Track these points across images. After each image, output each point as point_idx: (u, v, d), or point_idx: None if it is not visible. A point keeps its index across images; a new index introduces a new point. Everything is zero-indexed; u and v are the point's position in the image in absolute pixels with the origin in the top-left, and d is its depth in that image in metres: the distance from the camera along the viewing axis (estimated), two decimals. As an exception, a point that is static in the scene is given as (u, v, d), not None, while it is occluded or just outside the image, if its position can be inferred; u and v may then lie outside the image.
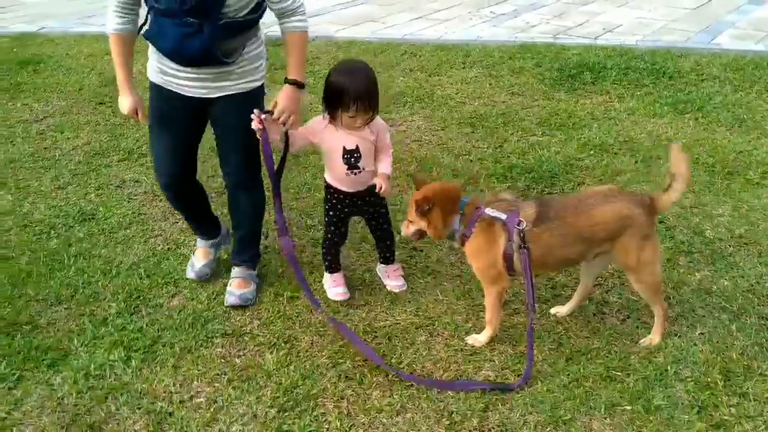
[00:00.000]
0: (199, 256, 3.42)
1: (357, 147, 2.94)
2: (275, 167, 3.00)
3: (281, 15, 2.83)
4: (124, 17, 2.80)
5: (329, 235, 3.22)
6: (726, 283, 3.24)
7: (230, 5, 2.68)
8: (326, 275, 3.30)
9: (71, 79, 6.40)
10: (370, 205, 3.15)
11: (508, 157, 4.51)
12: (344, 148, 2.93)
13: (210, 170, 4.21)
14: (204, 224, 3.46)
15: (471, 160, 4.51)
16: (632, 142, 4.67)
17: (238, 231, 3.34)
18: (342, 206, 3.12)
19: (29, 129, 5.31)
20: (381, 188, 2.95)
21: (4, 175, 4.55)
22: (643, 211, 2.68)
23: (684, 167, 2.70)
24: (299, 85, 2.85)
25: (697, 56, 6.25)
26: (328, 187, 3.12)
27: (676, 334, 2.93)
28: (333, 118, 2.91)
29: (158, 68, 2.90)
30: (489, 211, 2.70)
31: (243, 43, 2.83)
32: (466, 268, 3.39)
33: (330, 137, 2.96)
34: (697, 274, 3.31)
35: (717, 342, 2.87)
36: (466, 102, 5.48)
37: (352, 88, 2.78)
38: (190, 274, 3.37)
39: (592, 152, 4.54)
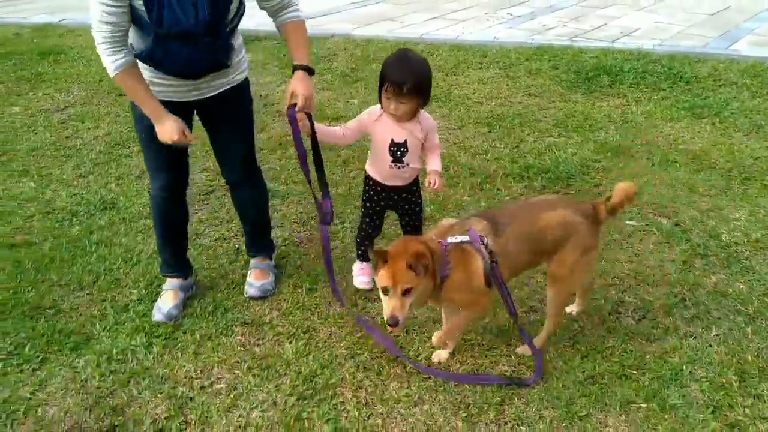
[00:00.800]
0: (168, 299, 3.13)
1: (405, 141, 2.95)
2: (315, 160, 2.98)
3: (277, 10, 2.82)
4: (121, 52, 2.52)
5: (363, 226, 3.26)
6: (741, 287, 3.25)
7: (230, 15, 2.65)
8: (356, 262, 3.37)
9: (91, 70, 6.48)
10: (406, 202, 3.17)
11: (525, 157, 4.54)
12: (392, 140, 2.95)
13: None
14: (181, 256, 3.27)
15: (488, 160, 4.54)
16: (649, 145, 4.68)
17: (247, 224, 3.37)
18: (379, 198, 3.15)
19: (51, 118, 5.38)
20: (435, 183, 2.94)
21: (27, 163, 4.62)
22: (586, 220, 2.65)
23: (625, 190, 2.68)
24: (310, 71, 2.81)
25: (715, 62, 6.25)
26: (367, 178, 3.15)
27: (691, 336, 2.95)
28: (381, 102, 2.93)
29: (147, 81, 2.68)
30: (451, 240, 2.55)
31: (236, 43, 2.82)
32: (483, 264, 3.44)
33: (381, 129, 2.97)
34: (712, 276, 3.33)
35: (732, 344, 2.89)
36: (483, 102, 5.50)
37: (390, 68, 2.81)
38: (158, 317, 3.06)
39: (608, 154, 4.56)
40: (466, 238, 2.53)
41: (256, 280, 3.24)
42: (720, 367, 2.76)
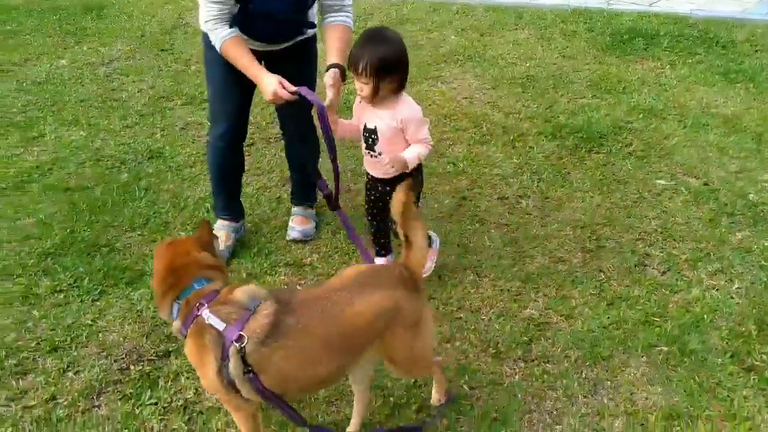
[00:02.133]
0: (221, 239, 3.27)
1: (375, 128, 2.74)
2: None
3: (329, 9, 2.88)
4: (225, 26, 2.74)
5: (367, 221, 3.11)
6: (766, 244, 3.34)
7: None
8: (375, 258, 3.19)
9: (133, 25, 6.64)
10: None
11: (558, 117, 4.62)
12: (365, 125, 2.78)
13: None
14: (234, 200, 3.43)
15: (520, 119, 4.63)
16: (681, 108, 4.73)
17: (296, 175, 3.54)
18: (370, 189, 2.98)
19: (96, 71, 5.56)
20: (386, 161, 2.70)
21: (76, 113, 4.82)
22: (406, 291, 2.05)
23: (419, 237, 2.13)
24: (342, 71, 2.79)
25: (753, 27, 6.20)
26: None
27: (714, 288, 3.07)
28: None
29: None
30: (206, 314, 1.89)
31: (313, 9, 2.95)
32: (514, 218, 3.58)
33: (360, 113, 2.82)
34: (738, 234, 3.42)
35: (753, 296, 3.01)
36: (517, 63, 5.56)
37: (355, 47, 2.65)
38: None
39: (640, 116, 4.61)
40: (220, 326, 1.87)
41: (298, 225, 3.42)
42: (740, 317, 2.89)
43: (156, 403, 2.49)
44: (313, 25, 3.00)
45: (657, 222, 3.52)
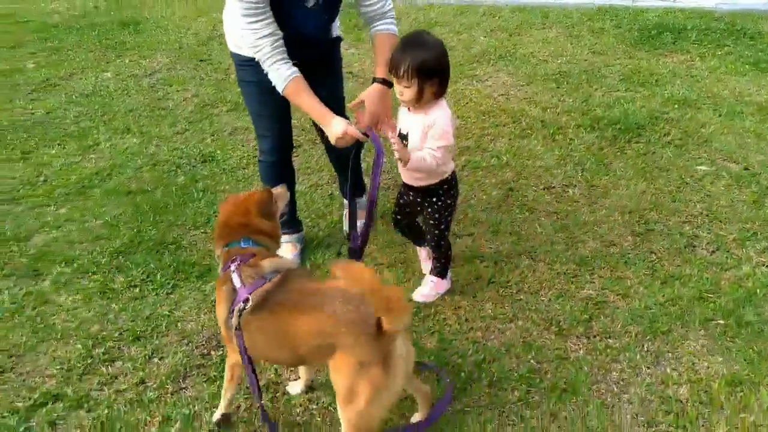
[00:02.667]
0: (287, 251, 3.36)
1: (407, 133, 2.69)
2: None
3: (372, 18, 2.88)
4: (289, 61, 2.71)
5: (394, 221, 3.12)
6: (811, 223, 3.44)
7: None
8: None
9: (170, 38, 6.85)
10: (422, 207, 2.88)
11: (594, 110, 4.74)
12: (399, 130, 2.74)
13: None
14: (292, 215, 3.44)
15: (557, 113, 4.75)
16: (715, 98, 4.83)
17: (342, 174, 3.66)
18: (401, 194, 2.96)
19: (140, 83, 5.76)
20: (395, 146, 2.58)
21: (127, 122, 5.01)
22: (354, 331, 2.00)
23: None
24: (388, 84, 2.80)
25: (778, 18, 6.30)
26: None
27: (764, 264, 3.17)
28: None
29: None
30: (233, 270, 2.19)
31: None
32: (562, 206, 3.70)
33: (399, 118, 2.79)
34: (783, 214, 3.53)
35: (804, 272, 3.11)
36: (549, 60, 5.69)
37: (396, 51, 2.60)
38: None
39: (675, 106, 4.72)
40: (237, 284, 2.15)
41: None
42: (793, 291, 2.99)
43: (240, 384, 2.63)
44: (339, 39, 3.09)
45: (702, 205, 3.62)
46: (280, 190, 2.56)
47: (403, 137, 2.71)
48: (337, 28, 3.09)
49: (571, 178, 3.94)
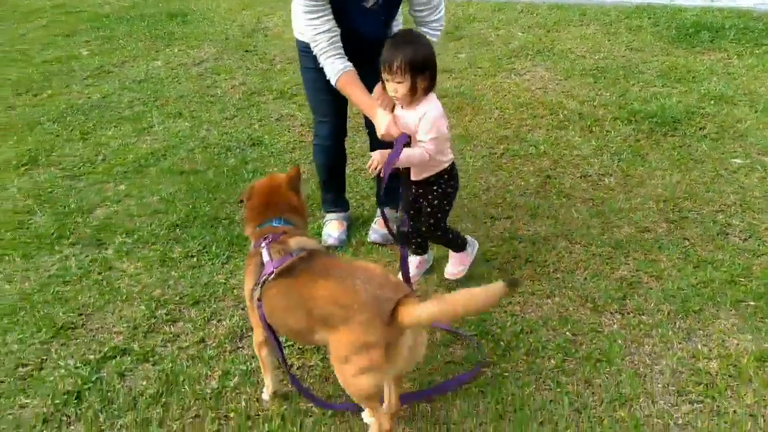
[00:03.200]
0: (334, 227, 3.56)
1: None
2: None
3: (419, 23, 2.97)
4: (344, 56, 2.86)
5: (404, 217, 3.14)
6: (844, 215, 3.53)
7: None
8: None
9: (216, 29, 7.10)
10: (425, 197, 2.94)
11: (631, 104, 4.85)
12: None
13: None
14: (342, 195, 3.67)
15: (595, 106, 4.87)
16: (752, 94, 4.90)
17: (380, 181, 3.80)
18: (407, 188, 3.00)
19: (189, 71, 6.01)
20: (371, 164, 2.76)
21: (178, 107, 5.25)
22: (368, 310, 2.06)
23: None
24: None
25: (818, 18, 6.32)
26: None
27: (795, 252, 3.28)
28: None
29: None
30: (264, 246, 2.34)
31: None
32: (598, 193, 3.83)
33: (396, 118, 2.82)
34: (816, 205, 3.61)
35: (834, 260, 3.20)
36: (586, 56, 5.80)
37: (386, 49, 2.65)
38: (331, 241, 3.49)
39: (712, 102, 4.81)
40: (266, 258, 2.30)
41: (381, 228, 3.52)
42: (823, 278, 3.09)
43: (293, 345, 2.82)
44: None
45: (735, 196, 3.73)
46: (303, 176, 2.72)
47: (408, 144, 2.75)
48: (397, 28, 3.16)
49: (608, 167, 4.07)
